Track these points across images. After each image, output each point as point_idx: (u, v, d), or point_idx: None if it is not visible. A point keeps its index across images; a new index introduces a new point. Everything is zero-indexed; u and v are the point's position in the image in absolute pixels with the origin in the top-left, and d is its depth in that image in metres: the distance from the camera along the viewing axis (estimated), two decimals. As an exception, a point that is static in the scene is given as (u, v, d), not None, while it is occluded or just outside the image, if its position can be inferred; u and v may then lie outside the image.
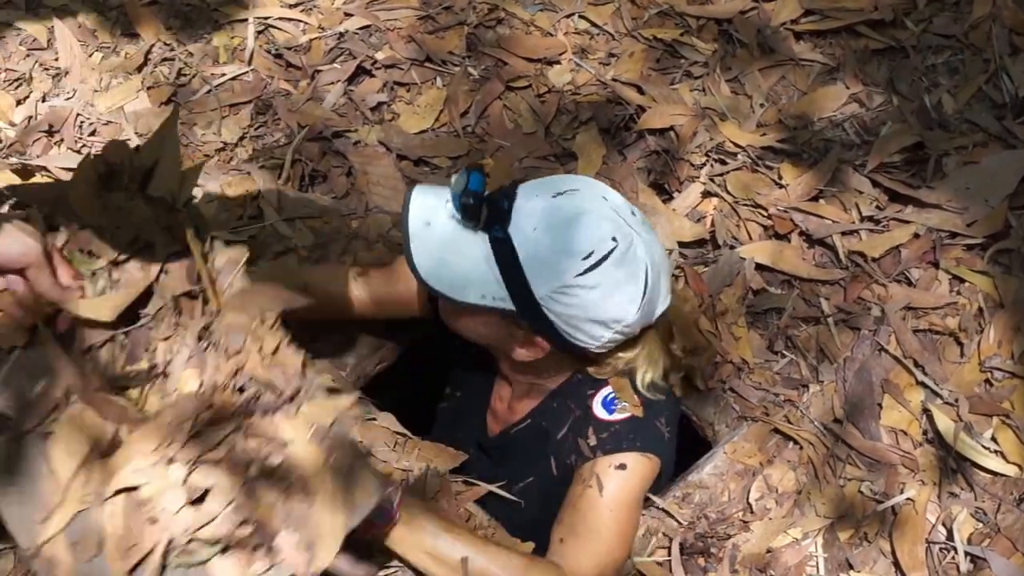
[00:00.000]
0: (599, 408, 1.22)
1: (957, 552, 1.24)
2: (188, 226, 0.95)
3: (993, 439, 1.32)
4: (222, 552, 0.83)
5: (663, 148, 1.66)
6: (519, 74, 1.76)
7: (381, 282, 1.33)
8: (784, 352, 1.45)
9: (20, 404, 0.85)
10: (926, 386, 1.37)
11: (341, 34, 1.83)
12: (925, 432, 1.35)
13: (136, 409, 0.88)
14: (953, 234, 1.50)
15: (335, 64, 1.79)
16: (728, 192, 1.60)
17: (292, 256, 1.49)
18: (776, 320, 1.47)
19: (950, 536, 1.25)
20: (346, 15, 1.86)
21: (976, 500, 1.28)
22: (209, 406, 0.87)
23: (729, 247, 1.54)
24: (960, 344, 1.41)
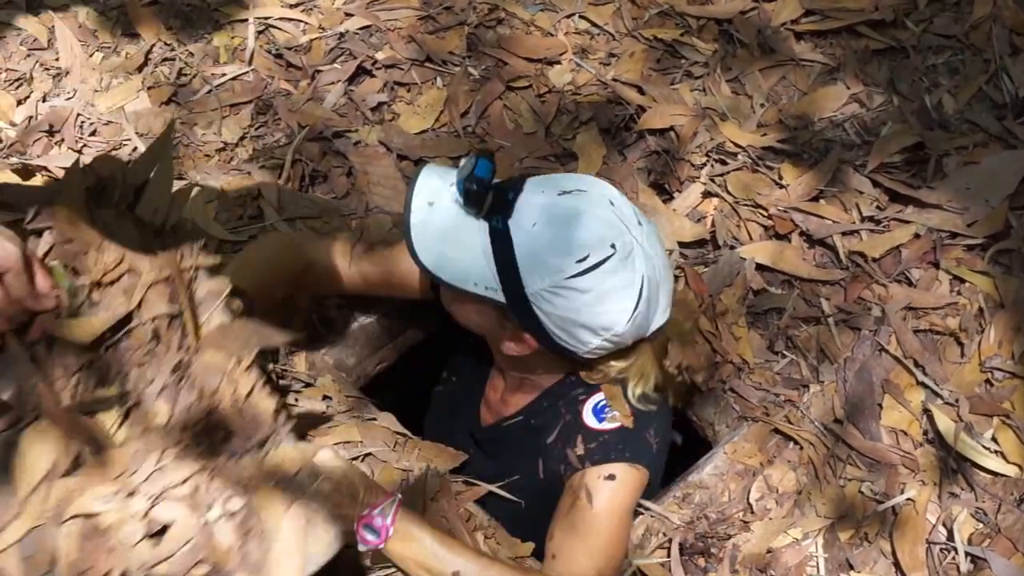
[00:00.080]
0: (589, 415, 1.22)
1: (957, 552, 1.24)
2: (174, 253, 0.95)
3: (993, 439, 1.32)
4: None
5: (663, 148, 1.66)
6: (519, 74, 1.76)
7: (385, 262, 1.32)
8: (784, 352, 1.45)
9: None
10: (926, 386, 1.37)
11: (341, 34, 1.83)
12: (925, 432, 1.35)
13: (104, 434, 0.87)
14: (953, 234, 1.50)
15: (335, 64, 1.79)
16: (728, 192, 1.60)
17: (299, 230, 1.48)
18: (776, 320, 1.47)
19: (950, 536, 1.25)
20: (346, 15, 1.86)
21: (976, 500, 1.28)
22: (177, 442, 0.87)
23: (729, 247, 1.54)
24: (960, 344, 1.41)
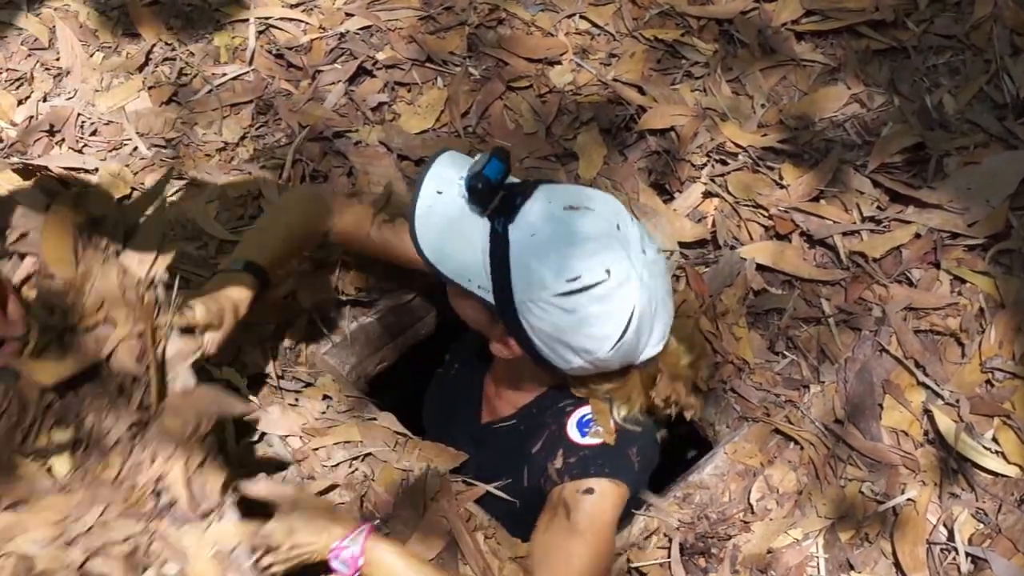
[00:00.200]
0: (573, 428, 1.21)
1: (958, 553, 1.23)
2: (152, 307, 0.95)
3: (994, 440, 1.32)
4: None
5: (664, 148, 1.66)
6: (520, 74, 1.76)
7: (404, 234, 1.30)
8: (785, 352, 1.45)
9: None
10: (927, 387, 1.37)
11: (342, 34, 1.83)
12: (926, 433, 1.35)
13: (49, 478, 0.88)
14: (954, 234, 1.50)
15: (336, 64, 1.79)
16: (729, 192, 1.60)
17: (328, 188, 1.48)
18: (777, 320, 1.47)
19: (951, 537, 1.25)
20: (347, 15, 1.86)
21: (977, 501, 1.28)
22: (124, 499, 0.88)
23: (730, 247, 1.54)
24: (961, 345, 1.41)
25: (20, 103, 1.72)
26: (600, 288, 1.04)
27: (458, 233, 1.08)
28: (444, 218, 1.08)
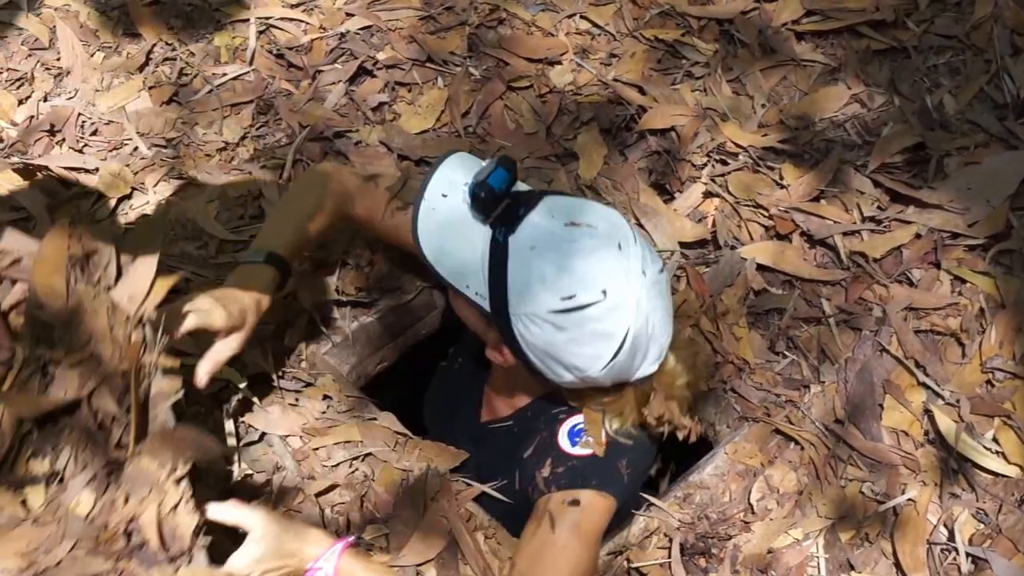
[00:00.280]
0: (564, 437, 1.20)
1: (958, 553, 1.23)
2: (139, 345, 0.95)
3: (994, 440, 1.32)
4: None
5: (664, 148, 1.66)
6: (520, 74, 1.76)
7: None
8: (785, 353, 1.45)
9: None
10: (927, 387, 1.37)
11: (342, 34, 1.83)
12: (926, 433, 1.35)
13: (22, 509, 0.88)
14: (954, 235, 1.50)
15: (336, 64, 1.79)
16: (729, 192, 1.60)
17: (346, 167, 1.48)
18: (777, 320, 1.47)
19: (951, 537, 1.25)
20: (347, 15, 1.86)
21: (977, 501, 1.28)
22: (94, 537, 0.88)
23: (730, 247, 1.54)
24: (961, 345, 1.41)
25: (21, 103, 1.72)
26: (594, 309, 1.03)
27: (459, 237, 1.08)
28: (447, 221, 1.08)
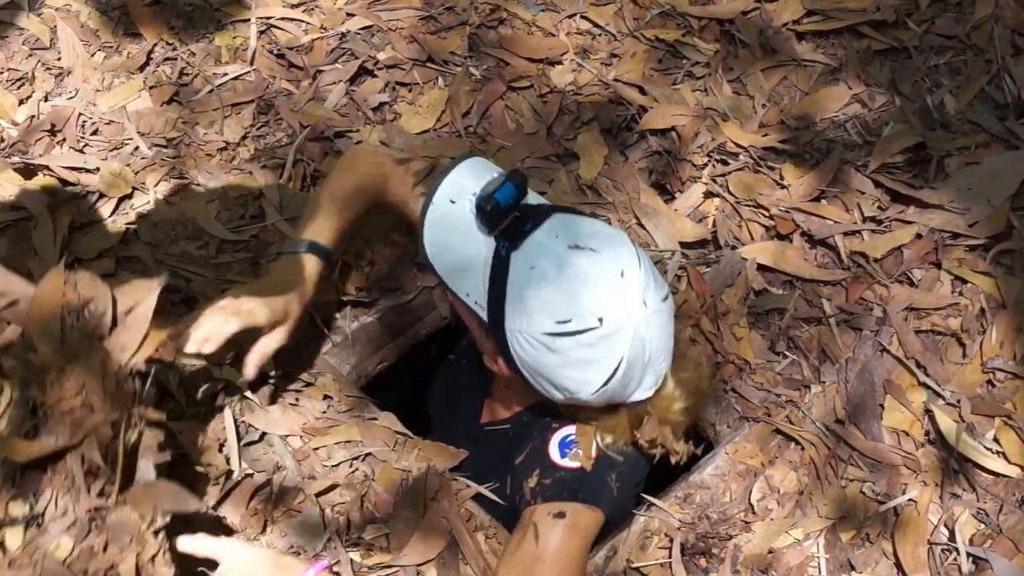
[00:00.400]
0: (554, 447, 1.20)
1: (959, 553, 1.23)
2: (129, 396, 0.96)
3: (995, 440, 1.32)
4: None
5: (665, 148, 1.66)
6: (521, 74, 1.76)
7: None
8: (786, 353, 1.45)
9: None
10: (928, 387, 1.37)
11: (343, 34, 1.83)
12: (927, 433, 1.35)
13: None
14: (955, 235, 1.50)
15: (337, 64, 1.79)
16: (730, 192, 1.59)
17: (382, 149, 1.47)
18: (778, 320, 1.47)
19: (952, 537, 1.25)
20: (348, 15, 1.86)
21: (978, 501, 1.28)
22: None
23: (731, 247, 1.54)
24: (962, 345, 1.41)
25: (21, 103, 1.72)
26: (588, 335, 1.02)
27: (463, 244, 1.08)
28: (453, 228, 1.08)
